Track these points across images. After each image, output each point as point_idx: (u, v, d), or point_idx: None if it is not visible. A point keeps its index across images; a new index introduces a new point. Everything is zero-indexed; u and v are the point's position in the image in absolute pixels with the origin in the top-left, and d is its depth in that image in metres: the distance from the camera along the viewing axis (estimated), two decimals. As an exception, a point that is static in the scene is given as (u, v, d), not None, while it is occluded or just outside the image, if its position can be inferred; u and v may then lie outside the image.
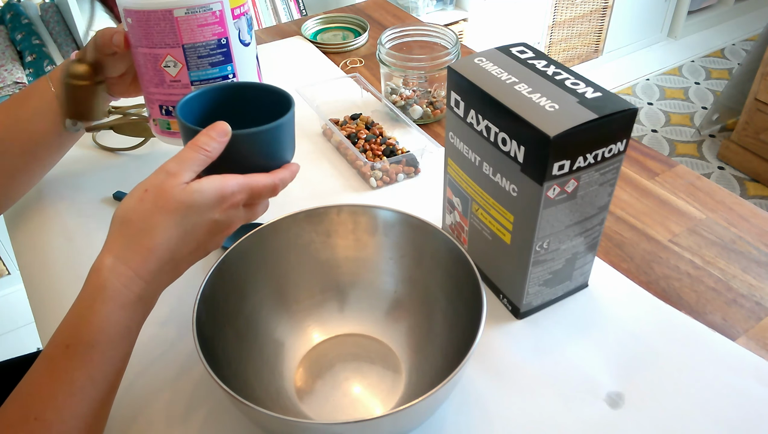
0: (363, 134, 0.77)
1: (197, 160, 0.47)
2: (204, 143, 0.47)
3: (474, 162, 0.53)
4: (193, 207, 0.45)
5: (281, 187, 0.52)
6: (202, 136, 0.48)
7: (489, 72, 0.50)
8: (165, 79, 0.61)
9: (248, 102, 0.57)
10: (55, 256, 0.66)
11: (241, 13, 0.61)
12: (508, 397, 0.50)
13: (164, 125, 0.66)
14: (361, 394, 0.51)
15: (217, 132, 0.48)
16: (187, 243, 0.46)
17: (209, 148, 0.47)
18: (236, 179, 0.48)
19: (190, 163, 0.46)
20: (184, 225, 0.45)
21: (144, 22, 0.57)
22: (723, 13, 2.88)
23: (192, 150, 0.47)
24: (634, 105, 0.49)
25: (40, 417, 0.40)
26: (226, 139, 0.48)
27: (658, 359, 0.53)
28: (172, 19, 0.57)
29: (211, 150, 0.47)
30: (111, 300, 0.43)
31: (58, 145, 0.70)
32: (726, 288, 0.60)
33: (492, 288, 0.59)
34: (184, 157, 0.47)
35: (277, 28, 1.13)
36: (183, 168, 0.46)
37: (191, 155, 0.47)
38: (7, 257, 1.68)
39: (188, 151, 0.47)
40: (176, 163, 0.46)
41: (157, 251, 0.44)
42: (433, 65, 0.81)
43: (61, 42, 1.47)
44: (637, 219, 0.68)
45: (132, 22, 0.58)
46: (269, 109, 0.56)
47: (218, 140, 0.48)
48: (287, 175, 0.53)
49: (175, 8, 0.56)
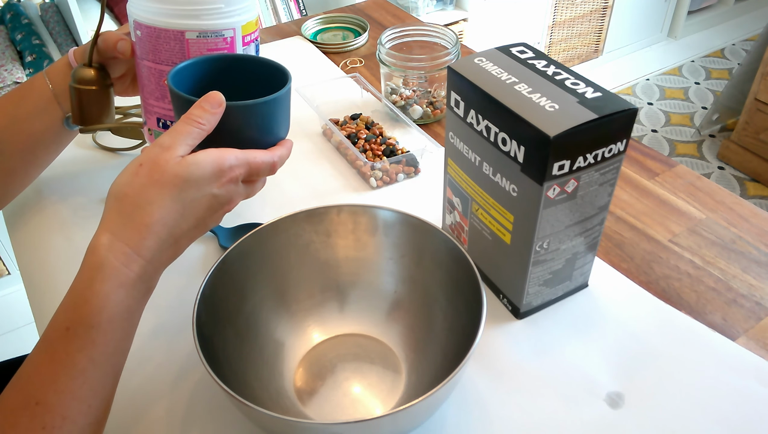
0: (363, 134, 0.77)
1: (191, 133, 0.45)
2: (197, 116, 0.46)
3: (474, 162, 0.53)
4: (190, 180, 0.44)
5: (279, 165, 0.51)
6: (195, 109, 0.46)
7: (489, 72, 0.50)
8: (167, 96, 0.61)
9: (244, 75, 0.56)
10: (55, 256, 0.66)
11: (251, 40, 0.61)
12: (508, 397, 0.50)
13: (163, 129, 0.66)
14: (361, 394, 0.51)
15: (210, 103, 0.46)
16: (186, 219, 0.45)
17: (203, 120, 0.46)
18: (234, 153, 0.47)
19: (184, 135, 0.45)
20: (181, 199, 0.44)
21: (154, 38, 0.57)
22: (723, 13, 2.88)
23: (185, 123, 0.45)
24: (634, 105, 0.49)
25: (42, 401, 0.39)
26: (220, 110, 0.47)
27: (658, 359, 0.53)
28: (183, 41, 0.57)
29: (205, 122, 0.46)
30: (110, 279, 0.41)
31: (56, 143, 0.70)
32: (726, 288, 0.60)
33: (492, 288, 0.59)
34: (178, 130, 0.45)
35: (277, 28, 1.13)
36: (177, 141, 0.45)
37: (185, 128, 0.45)
38: (7, 257, 1.68)
39: (182, 125, 0.45)
40: (170, 136, 0.45)
41: (154, 227, 0.43)
42: (433, 65, 0.81)
43: (61, 42, 1.47)
44: (637, 220, 0.68)
45: (141, 35, 0.58)
46: (265, 83, 0.54)
47: (212, 111, 0.46)
48: (285, 153, 0.52)
49: (188, 30, 0.56)
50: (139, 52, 0.60)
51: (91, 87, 0.64)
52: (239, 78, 0.56)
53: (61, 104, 0.66)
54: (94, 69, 0.64)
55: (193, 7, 0.55)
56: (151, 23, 0.56)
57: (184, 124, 0.45)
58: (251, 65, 0.56)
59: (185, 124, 0.45)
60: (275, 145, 0.52)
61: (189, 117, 0.46)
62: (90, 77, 0.64)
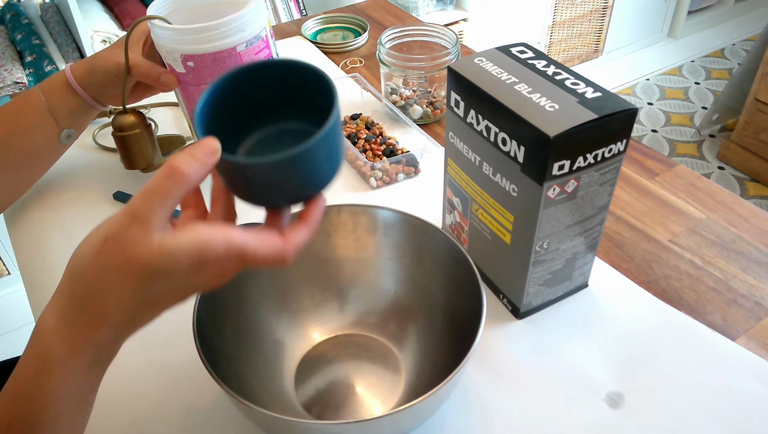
0: (363, 134, 0.77)
1: (171, 193, 0.35)
2: (182, 163, 0.35)
3: (474, 162, 0.53)
4: (158, 274, 0.35)
5: (293, 252, 0.39)
6: (183, 156, 0.36)
7: (489, 72, 0.50)
8: None
9: (283, 85, 0.45)
10: (55, 256, 0.66)
11: (272, 32, 0.65)
12: (508, 397, 0.50)
13: None
14: (361, 394, 0.51)
15: (202, 150, 0.36)
16: (148, 311, 0.37)
17: (189, 173, 0.35)
18: (227, 238, 0.36)
19: (161, 198, 0.35)
20: (145, 293, 0.35)
21: (210, 63, 0.60)
22: (723, 13, 2.88)
23: (165, 176, 0.35)
24: (634, 105, 0.49)
25: None
26: (213, 159, 0.37)
27: (658, 359, 0.53)
28: (236, 54, 0.61)
29: (191, 175, 0.35)
30: (55, 372, 0.35)
31: (51, 158, 0.70)
32: (726, 288, 0.60)
33: (492, 288, 0.59)
34: (154, 189, 0.35)
35: (277, 28, 1.13)
36: (152, 207, 0.35)
37: (163, 186, 0.35)
38: (7, 257, 1.68)
39: (160, 179, 0.35)
40: (144, 199, 0.35)
41: (110, 318, 0.35)
42: (433, 65, 0.81)
43: (61, 42, 1.47)
44: (637, 220, 0.68)
45: (194, 65, 0.61)
46: (310, 94, 0.43)
47: (202, 161, 0.36)
48: (304, 235, 0.39)
49: (238, 44, 0.60)
50: (192, 80, 0.63)
51: (134, 132, 0.67)
52: (281, 89, 0.45)
53: (58, 121, 0.67)
54: (132, 113, 0.67)
55: (238, 22, 0.59)
56: (204, 51, 0.60)
57: (164, 179, 0.35)
58: (287, 71, 0.44)
59: (165, 178, 0.35)
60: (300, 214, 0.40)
61: (171, 167, 0.35)
62: (130, 123, 0.67)
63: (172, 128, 0.84)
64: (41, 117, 0.66)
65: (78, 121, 0.69)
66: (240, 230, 0.37)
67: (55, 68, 1.38)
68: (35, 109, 0.66)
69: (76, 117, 0.68)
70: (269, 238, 0.38)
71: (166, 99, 0.90)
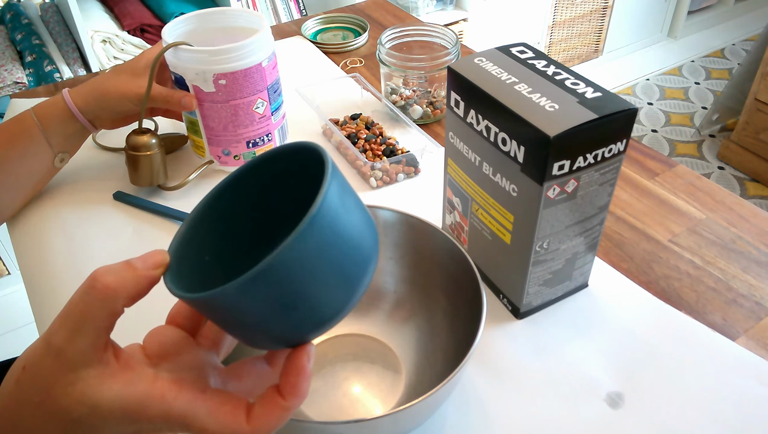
0: (363, 134, 0.77)
1: (90, 313, 0.27)
2: (106, 272, 0.28)
3: (474, 162, 0.53)
4: (81, 425, 0.28)
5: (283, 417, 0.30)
6: (110, 264, 0.29)
7: (489, 72, 0.50)
8: (255, 119, 0.71)
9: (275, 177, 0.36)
10: (55, 256, 0.66)
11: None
12: (508, 397, 0.50)
13: (250, 156, 0.74)
14: (361, 394, 0.51)
15: (142, 260, 0.29)
16: None
17: (114, 282, 0.28)
18: (165, 407, 0.29)
19: (78, 320, 0.27)
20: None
21: (241, 79, 0.67)
22: (723, 13, 2.88)
23: (82, 292, 0.28)
24: (634, 105, 0.49)
25: None
26: (154, 273, 0.30)
27: (658, 359, 0.53)
28: (261, 69, 0.68)
29: (116, 287, 0.28)
30: None
31: (44, 181, 0.71)
32: (726, 288, 0.60)
33: (492, 288, 0.59)
34: (69, 310, 0.28)
35: (277, 28, 1.13)
36: (68, 334, 0.28)
37: (81, 303, 0.28)
38: (7, 257, 1.68)
39: (78, 296, 0.28)
40: (59, 322, 0.28)
41: None
42: (433, 65, 0.81)
43: (61, 42, 1.47)
44: (637, 220, 0.68)
45: (226, 82, 0.66)
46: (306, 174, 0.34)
47: (138, 273, 0.29)
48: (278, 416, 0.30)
49: (263, 60, 0.68)
50: (222, 97, 0.68)
51: (148, 153, 0.69)
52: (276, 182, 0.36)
53: (53, 146, 0.67)
54: (149, 134, 0.70)
55: (262, 41, 0.67)
56: (236, 69, 0.66)
57: (82, 294, 0.28)
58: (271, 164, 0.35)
59: (83, 293, 0.28)
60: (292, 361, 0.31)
61: (92, 277, 0.28)
62: (145, 143, 0.69)
63: (173, 127, 0.84)
64: (36, 143, 0.66)
65: (73, 145, 0.70)
66: (192, 395, 0.29)
67: (55, 68, 1.38)
68: (30, 136, 0.66)
69: (72, 141, 0.69)
70: (228, 417, 0.29)
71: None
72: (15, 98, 0.93)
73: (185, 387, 0.30)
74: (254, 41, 0.66)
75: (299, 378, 0.30)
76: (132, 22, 1.50)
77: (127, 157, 0.70)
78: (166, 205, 0.71)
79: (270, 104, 0.72)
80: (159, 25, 1.53)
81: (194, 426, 0.29)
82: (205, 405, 0.29)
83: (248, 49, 0.66)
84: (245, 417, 0.30)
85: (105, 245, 0.67)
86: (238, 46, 0.65)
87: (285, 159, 0.34)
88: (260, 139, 0.73)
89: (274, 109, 0.73)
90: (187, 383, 0.30)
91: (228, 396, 0.31)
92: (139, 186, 0.71)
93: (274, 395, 0.30)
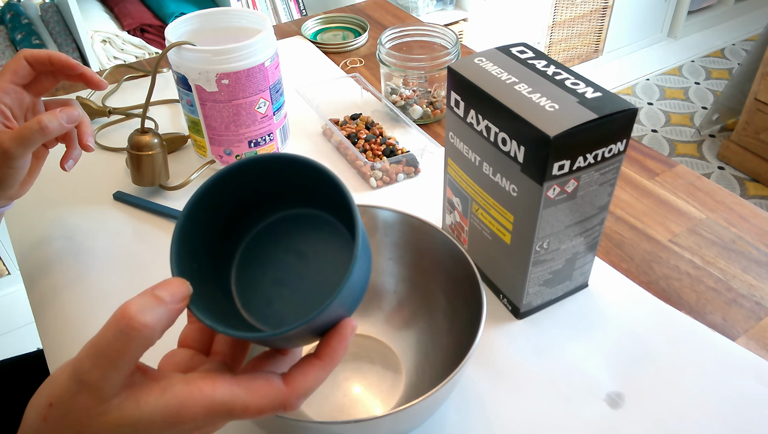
0: (363, 134, 0.77)
1: (127, 352, 0.28)
2: (141, 311, 0.28)
3: (474, 162, 0.53)
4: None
5: (300, 401, 0.32)
6: (140, 300, 0.29)
7: (489, 72, 0.50)
8: (257, 118, 0.71)
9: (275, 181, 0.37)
10: (55, 256, 0.66)
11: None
12: (508, 397, 0.50)
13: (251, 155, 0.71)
14: (361, 394, 0.51)
15: (171, 294, 0.30)
16: None
17: (151, 321, 0.28)
18: (207, 398, 0.29)
19: (114, 359, 0.28)
20: None
21: (244, 79, 0.67)
22: (723, 13, 2.88)
23: (119, 332, 0.28)
24: (634, 105, 0.49)
25: None
26: (182, 305, 0.30)
27: (658, 359, 0.53)
28: (264, 69, 0.68)
29: (154, 325, 0.28)
30: None
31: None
32: (726, 288, 0.60)
33: (492, 288, 0.59)
34: (104, 350, 0.28)
35: (277, 28, 1.13)
36: (103, 373, 0.28)
37: (117, 344, 0.28)
38: (7, 257, 1.68)
39: (113, 337, 0.28)
40: (92, 362, 0.28)
41: None
42: (433, 65, 0.81)
43: (61, 42, 1.47)
44: (637, 220, 0.68)
45: (229, 82, 0.67)
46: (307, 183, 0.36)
47: (169, 306, 0.29)
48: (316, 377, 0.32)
49: (266, 60, 0.68)
50: (225, 97, 0.68)
51: (150, 152, 0.69)
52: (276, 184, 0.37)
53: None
54: (151, 133, 0.69)
55: (265, 41, 0.67)
56: (239, 69, 0.66)
57: (118, 335, 0.28)
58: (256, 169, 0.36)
59: (119, 334, 0.28)
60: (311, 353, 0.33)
61: (127, 317, 0.28)
62: (148, 143, 0.69)
63: (173, 127, 0.84)
64: None
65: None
66: (227, 381, 0.30)
67: (55, 68, 1.37)
68: None
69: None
70: (265, 387, 0.31)
71: (166, 98, 0.90)
72: (15, 98, 0.93)
73: (217, 378, 0.31)
74: (257, 41, 0.66)
75: (340, 344, 0.32)
76: (132, 22, 1.50)
77: (129, 157, 0.70)
78: (167, 205, 0.71)
79: (272, 104, 0.72)
80: (159, 25, 1.53)
81: (236, 410, 0.30)
82: (240, 386, 0.30)
83: (251, 49, 0.66)
84: (281, 383, 0.31)
85: (105, 245, 0.67)
86: (241, 46, 0.65)
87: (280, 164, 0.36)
88: (262, 139, 0.73)
89: (276, 108, 0.73)
90: (218, 374, 0.31)
91: (258, 373, 0.32)
92: (141, 186, 0.71)
93: (310, 358, 0.32)
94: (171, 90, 0.93)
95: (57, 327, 0.59)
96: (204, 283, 0.34)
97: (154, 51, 1.48)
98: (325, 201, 0.37)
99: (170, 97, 0.91)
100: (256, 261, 0.38)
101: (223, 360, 0.34)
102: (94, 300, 0.60)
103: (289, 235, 0.38)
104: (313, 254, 0.38)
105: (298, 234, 0.38)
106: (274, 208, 0.39)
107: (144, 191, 0.74)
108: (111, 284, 0.62)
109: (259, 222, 0.39)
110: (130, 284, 0.62)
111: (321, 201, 0.37)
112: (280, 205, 0.38)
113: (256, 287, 0.38)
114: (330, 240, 0.38)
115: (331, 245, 0.38)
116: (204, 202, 0.35)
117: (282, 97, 0.74)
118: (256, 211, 0.38)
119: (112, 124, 0.85)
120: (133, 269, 0.64)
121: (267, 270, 0.38)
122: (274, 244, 0.38)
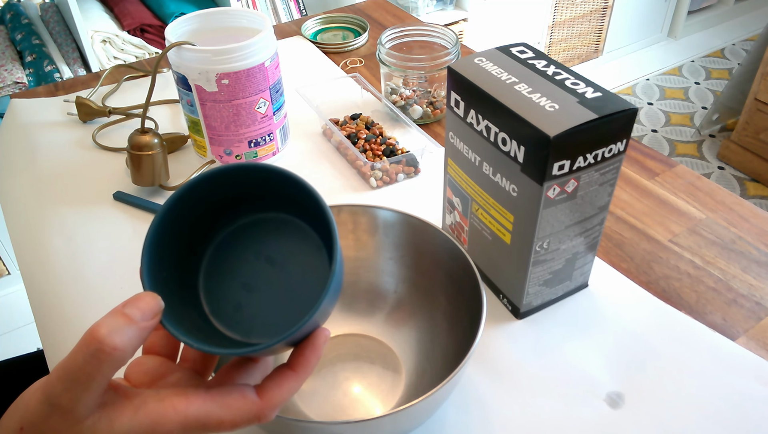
0: (363, 134, 0.77)
1: (98, 374, 0.27)
2: (111, 333, 0.27)
3: (474, 162, 0.53)
4: None
5: (273, 412, 0.32)
6: (109, 320, 0.28)
7: (489, 72, 0.50)
8: (257, 118, 0.72)
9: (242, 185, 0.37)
10: (55, 256, 0.66)
11: None
12: (508, 397, 0.50)
13: (251, 156, 0.74)
14: (361, 394, 0.51)
15: (141, 311, 0.29)
16: None
17: (121, 343, 0.27)
18: (180, 414, 0.29)
19: (86, 382, 0.27)
20: None
21: (244, 78, 0.67)
22: (723, 13, 2.88)
23: (89, 356, 0.27)
24: (634, 105, 0.49)
25: None
26: (154, 322, 0.29)
27: (658, 359, 0.53)
28: (264, 69, 0.69)
29: (125, 347, 0.27)
30: None
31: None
32: (726, 288, 0.60)
33: (492, 288, 0.59)
34: (75, 374, 0.27)
35: (277, 28, 1.13)
36: (75, 395, 0.27)
37: (88, 367, 0.27)
38: (7, 257, 1.68)
39: (84, 360, 0.27)
40: (64, 385, 0.27)
41: None
42: (433, 65, 0.81)
43: (61, 42, 1.47)
44: (637, 220, 0.68)
45: (229, 82, 0.67)
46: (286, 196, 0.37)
47: (140, 325, 0.28)
48: (289, 388, 0.32)
49: (266, 60, 0.68)
50: (225, 97, 0.68)
51: (151, 152, 0.69)
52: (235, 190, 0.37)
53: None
54: (151, 134, 0.69)
55: (265, 41, 0.67)
56: (239, 69, 0.66)
57: (89, 359, 0.27)
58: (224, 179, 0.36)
59: (90, 358, 0.27)
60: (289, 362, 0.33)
61: (96, 340, 0.27)
62: (148, 143, 0.69)
63: (173, 127, 0.84)
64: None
65: None
66: (200, 397, 0.30)
67: (55, 68, 1.37)
68: None
69: None
70: (239, 401, 0.31)
71: (166, 98, 0.90)
72: (15, 98, 0.93)
73: (191, 394, 0.31)
74: (257, 41, 0.66)
75: (313, 354, 0.32)
76: (132, 22, 1.50)
77: (130, 157, 0.70)
78: (166, 205, 0.71)
79: (272, 104, 0.72)
80: (159, 25, 1.53)
81: (211, 424, 0.30)
82: (214, 401, 0.30)
83: (251, 49, 0.66)
84: (255, 396, 0.31)
85: (105, 245, 0.67)
86: (242, 46, 0.65)
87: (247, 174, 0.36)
88: (262, 139, 0.73)
89: (276, 108, 0.73)
90: (190, 390, 0.31)
91: (231, 386, 0.32)
92: (141, 186, 0.71)
93: (283, 369, 0.32)
94: (171, 90, 0.93)
95: (57, 327, 0.59)
96: (173, 292, 0.34)
97: (154, 51, 1.48)
98: (297, 206, 0.37)
99: (170, 97, 0.91)
100: (225, 267, 0.38)
101: (193, 366, 0.34)
102: (94, 301, 0.60)
103: (258, 240, 0.38)
104: (283, 259, 0.38)
105: (268, 240, 0.38)
106: (243, 213, 0.39)
107: (144, 191, 0.74)
108: (111, 284, 0.62)
109: (226, 227, 0.39)
110: (130, 284, 0.62)
111: (292, 206, 0.37)
112: (249, 210, 0.38)
113: (224, 293, 0.37)
114: (300, 245, 0.38)
115: (302, 250, 0.38)
116: (175, 212, 0.35)
117: (282, 97, 0.74)
118: (223, 218, 0.38)
119: (112, 124, 0.85)
120: (133, 269, 0.64)
121: (236, 275, 0.38)
122: (243, 250, 0.38)
